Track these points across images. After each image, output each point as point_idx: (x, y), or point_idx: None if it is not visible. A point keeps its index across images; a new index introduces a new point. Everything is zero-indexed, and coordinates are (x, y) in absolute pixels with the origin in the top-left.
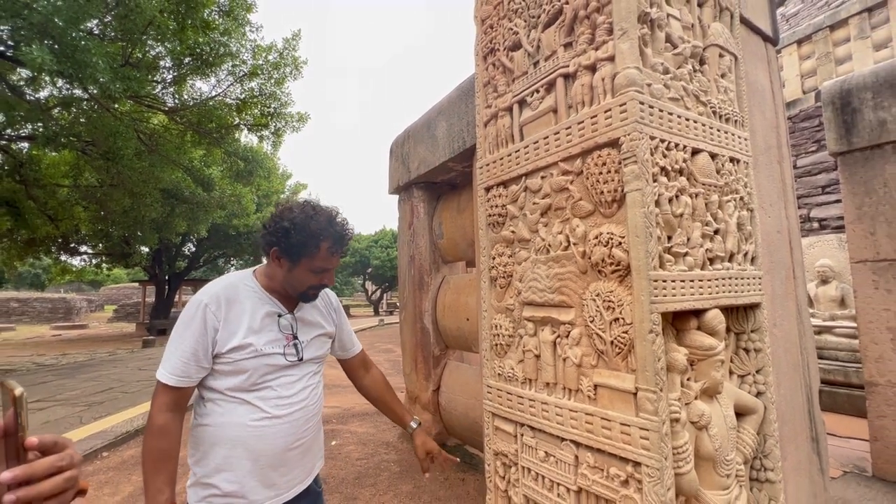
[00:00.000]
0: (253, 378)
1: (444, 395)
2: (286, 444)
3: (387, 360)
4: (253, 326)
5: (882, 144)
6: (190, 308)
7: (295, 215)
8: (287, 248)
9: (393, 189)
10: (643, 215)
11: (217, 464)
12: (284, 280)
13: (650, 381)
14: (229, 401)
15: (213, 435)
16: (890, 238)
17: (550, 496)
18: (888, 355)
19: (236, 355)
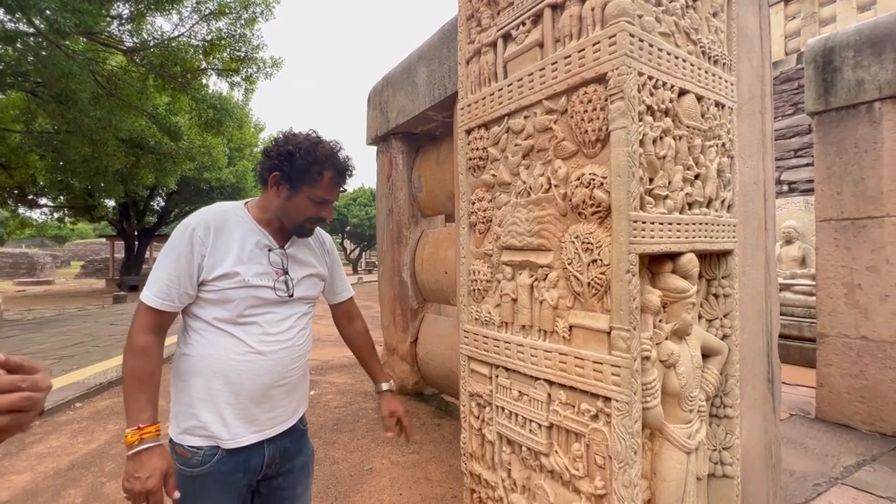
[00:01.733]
0: (239, 309)
1: (422, 346)
2: (270, 381)
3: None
4: (241, 256)
5: (857, 105)
6: (178, 232)
7: (300, 141)
8: (289, 172)
9: (371, 140)
10: (627, 154)
11: (198, 394)
12: (281, 208)
13: (624, 321)
14: (214, 332)
15: (195, 365)
16: (855, 198)
17: (523, 432)
18: (840, 309)
19: (222, 283)
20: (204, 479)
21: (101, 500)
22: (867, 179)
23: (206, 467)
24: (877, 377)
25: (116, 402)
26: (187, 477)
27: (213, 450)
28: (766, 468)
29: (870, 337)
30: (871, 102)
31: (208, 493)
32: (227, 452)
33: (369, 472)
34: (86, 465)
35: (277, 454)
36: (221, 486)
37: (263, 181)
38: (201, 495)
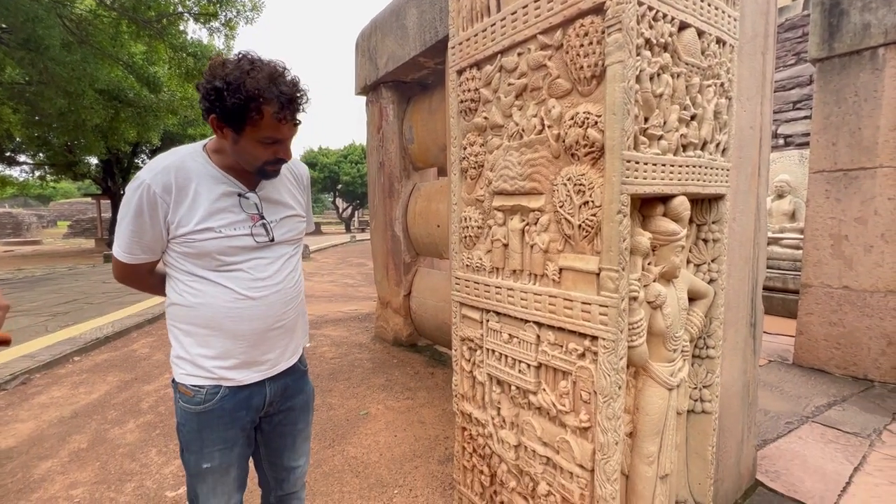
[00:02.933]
0: (220, 259)
1: (415, 299)
2: (266, 326)
3: (359, 272)
4: (210, 209)
5: (861, 51)
6: (132, 188)
7: (228, 72)
8: (225, 114)
9: (360, 89)
10: (623, 90)
11: (196, 341)
12: (233, 153)
13: (614, 261)
14: (201, 282)
15: (188, 315)
16: (849, 148)
17: (512, 373)
18: (825, 260)
19: (196, 237)
20: (208, 415)
21: (106, 444)
22: (864, 129)
23: (210, 404)
24: (854, 325)
25: (115, 355)
26: (192, 414)
27: (215, 388)
28: (743, 406)
29: (851, 286)
30: (876, 48)
31: (213, 427)
32: (230, 390)
33: (365, 416)
34: (89, 414)
35: (278, 392)
36: (226, 421)
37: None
38: (207, 429)
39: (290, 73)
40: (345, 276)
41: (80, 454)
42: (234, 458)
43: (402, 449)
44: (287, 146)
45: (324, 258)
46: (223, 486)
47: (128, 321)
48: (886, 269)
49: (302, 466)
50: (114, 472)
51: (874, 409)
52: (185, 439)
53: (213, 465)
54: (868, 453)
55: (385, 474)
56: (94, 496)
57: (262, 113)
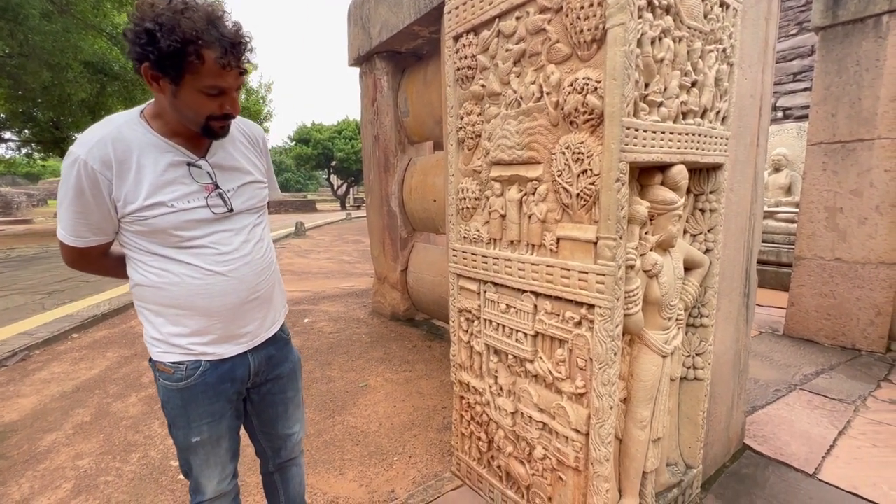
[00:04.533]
0: (178, 235)
1: (412, 274)
2: (241, 299)
3: (355, 249)
4: (157, 182)
5: (864, 18)
6: (67, 165)
7: (160, 13)
8: (160, 60)
9: (353, 60)
10: (623, 55)
11: (168, 320)
12: (172, 109)
13: (611, 230)
14: (162, 261)
15: (155, 295)
16: (848, 119)
17: (509, 342)
18: (820, 232)
19: (146, 213)
20: (191, 391)
21: (109, 417)
22: (864, 100)
23: (192, 380)
24: (844, 296)
25: (113, 332)
26: (174, 390)
27: (195, 363)
28: (734, 374)
29: (844, 258)
30: (880, 15)
31: (197, 402)
32: (211, 364)
33: (364, 388)
34: (90, 388)
35: (263, 363)
36: (210, 395)
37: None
38: (191, 404)
39: (228, 15)
40: (341, 253)
41: (84, 427)
42: (224, 430)
43: (401, 419)
44: (234, 98)
45: (319, 235)
46: (216, 458)
47: (125, 298)
48: (879, 241)
49: (297, 433)
50: (118, 444)
51: (860, 377)
52: (171, 416)
53: (203, 439)
54: (853, 418)
55: (385, 442)
56: (100, 466)
57: (202, 58)
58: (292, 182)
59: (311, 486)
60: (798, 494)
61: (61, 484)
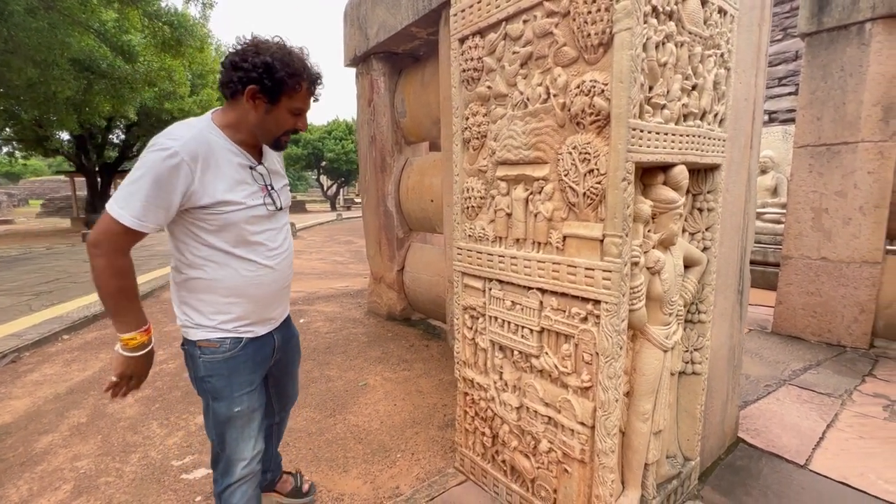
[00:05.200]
0: (246, 230)
1: (409, 274)
2: (279, 288)
3: (347, 250)
4: (231, 181)
5: (848, 25)
6: (159, 155)
7: (274, 51)
8: (269, 85)
9: (349, 60)
10: (630, 58)
11: (218, 308)
12: (259, 123)
13: (618, 228)
14: (224, 256)
15: (209, 286)
16: (833, 123)
17: (515, 338)
18: (806, 232)
19: (222, 209)
20: (236, 361)
21: (106, 418)
22: (848, 104)
23: (236, 351)
24: (830, 294)
25: (104, 333)
26: (220, 361)
27: (237, 340)
28: (729, 368)
29: (829, 258)
30: (863, 23)
31: (241, 371)
32: (250, 340)
33: (364, 387)
34: (84, 390)
35: (280, 339)
36: (249, 365)
37: (233, 94)
38: (235, 374)
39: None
40: (333, 254)
41: (81, 428)
42: (256, 401)
43: (401, 417)
44: (306, 118)
45: (311, 236)
46: (249, 430)
47: None
48: (862, 241)
49: (297, 390)
50: (117, 445)
51: (846, 372)
52: (215, 388)
53: (242, 409)
54: (840, 412)
55: (387, 440)
56: (99, 467)
57: (300, 86)
58: None
59: (316, 483)
60: (791, 485)
61: (60, 485)
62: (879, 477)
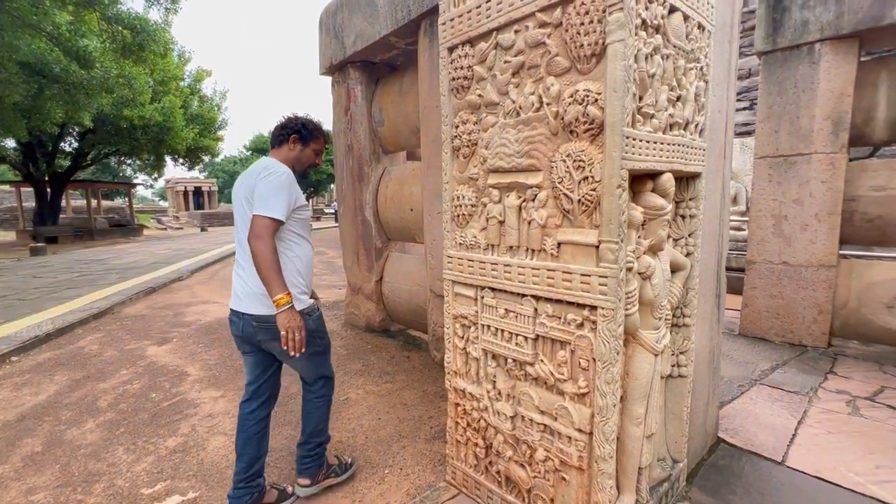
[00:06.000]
0: (305, 225)
1: (388, 284)
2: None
3: (320, 261)
4: (300, 194)
5: (800, 45)
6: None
7: (305, 119)
8: (304, 134)
9: (325, 69)
10: (623, 69)
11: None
12: (296, 158)
13: (613, 234)
14: (299, 238)
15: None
16: (790, 136)
17: (509, 346)
18: (768, 238)
19: (300, 211)
20: (320, 317)
21: (64, 446)
22: (802, 118)
23: (318, 312)
24: (791, 297)
25: (59, 353)
26: (317, 317)
27: (314, 305)
28: (709, 370)
29: (790, 262)
30: (813, 43)
31: (322, 322)
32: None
33: (346, 402)
34: (38, 416)
35: None
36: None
37: (280, 142)
38: (322, 324)
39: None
40: None
41: (35, 458)
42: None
43: (387, 430)
44: (321, 157)
45: None
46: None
47: (70, 317)
48: (819, 246)
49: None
50: (78, 474)
51: (809, 371)
52: (321, 332)
53: (328, 345)
54: (808, 409)
55: (374, 455)
56: (58, 500)
57: (320, 136)
58: None
59: None
60: (771, 481)
61: None
62: (850, 470)
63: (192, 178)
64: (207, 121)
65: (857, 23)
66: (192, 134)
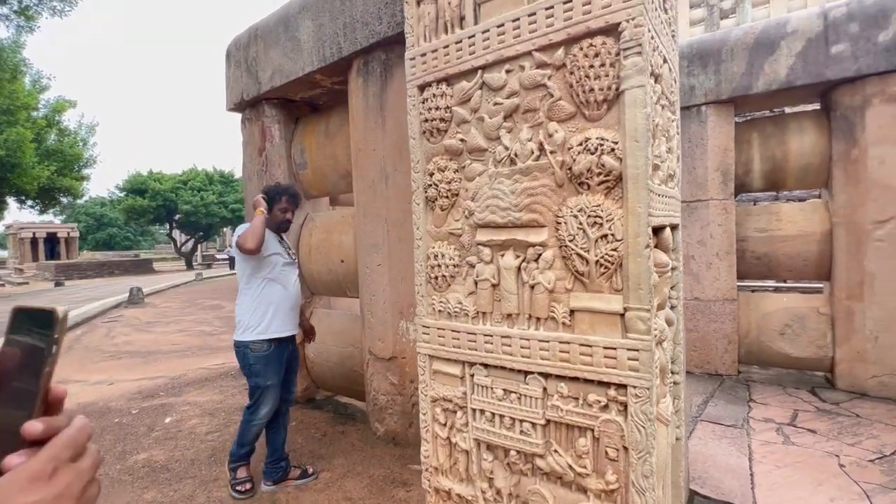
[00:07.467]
0: (275, 270)
1: (312, 346)
2: (291, 306)
3: (216, 317)
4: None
5: (690, 106)
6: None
7: (273, 186)
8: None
9: (234, 104)
10: (644, 117)
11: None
12: (271, 218)
13: (643, 300)
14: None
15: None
16: (689, 184)
17: (511, 434)
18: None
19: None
20: (269, 357)
21: None
22: (697, 169)
23: (270, 350)
24: (705, 329)
25: None
26: (262, 356)
27: (269, 342)
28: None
29: (700, 297)
30: (700, 105)
31: (273, 362)
32: (276, 343)
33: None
34: None
35: (293, 346)
36: (276, 360)
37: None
38: (270, 364)
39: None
40: (198, 323)
41: None
42: (280, 379)
43: None
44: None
45: (165, 302)
46: (273, 396)
47: None
48: (722, 282)
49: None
50: None
51: (734, 401)
52: (257, 371)
53: (273, 383)
54: (750, 442)
55: None
56: None
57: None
58: (118, 238)
59: None
60: None
61: None
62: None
63: (43, 222)
64: (69, 157)
65: (733, 90)
66: (48, 172)
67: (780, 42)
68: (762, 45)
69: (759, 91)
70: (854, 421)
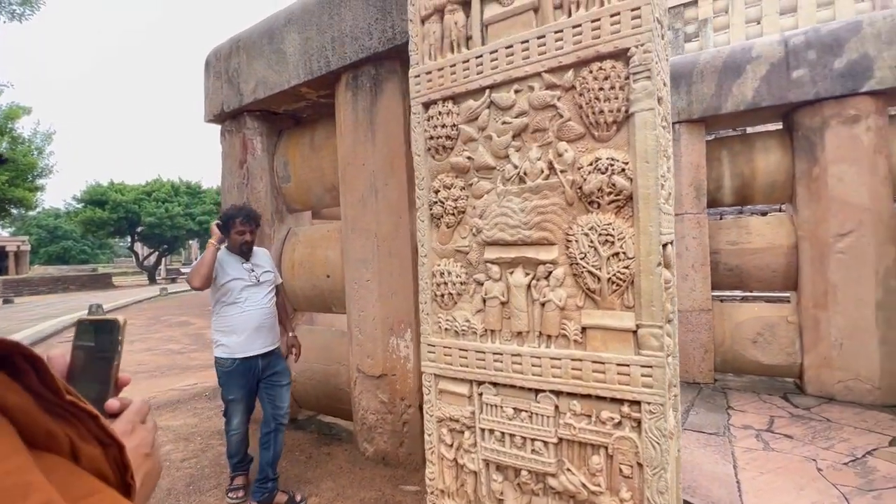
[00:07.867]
0: (232, 294)
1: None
2: (256, 325)
3: (185, 334)
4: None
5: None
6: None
7: (226, 210)
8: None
9: (213, 116)
10: (655, 138)
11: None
12: (230, 242)
13: (657, 317)
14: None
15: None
16: None
17: (522, 454)
18: None
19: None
20: (232, 373)
21: None
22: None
23: (233, 367)
24: (683, 339)
25: None
26: (224, 372)
27: (234, 359)
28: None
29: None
30: (674, 124)
31: (235, 378)
32: (241, 360)
33: None
34: None
35: (266, 363)
36: (239, 376)
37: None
38: (233, 379)
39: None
40: (166, 340)
41: None
42: (245, 395)
43: None
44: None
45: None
46: (238, 409)
47: None
48: (697, 293)
49: (286, 406)
50: None
51: (714, 409)
52: (222, 384)
53: (235, 398)
54: (733, 450)
55: None
56: None
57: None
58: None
59: None
60: None
61: None
62: None
63: None
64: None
65: (703, 110)
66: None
67: (745, 66)
68: (730, 69)
69: (728, 111)
70: (826, 425)
